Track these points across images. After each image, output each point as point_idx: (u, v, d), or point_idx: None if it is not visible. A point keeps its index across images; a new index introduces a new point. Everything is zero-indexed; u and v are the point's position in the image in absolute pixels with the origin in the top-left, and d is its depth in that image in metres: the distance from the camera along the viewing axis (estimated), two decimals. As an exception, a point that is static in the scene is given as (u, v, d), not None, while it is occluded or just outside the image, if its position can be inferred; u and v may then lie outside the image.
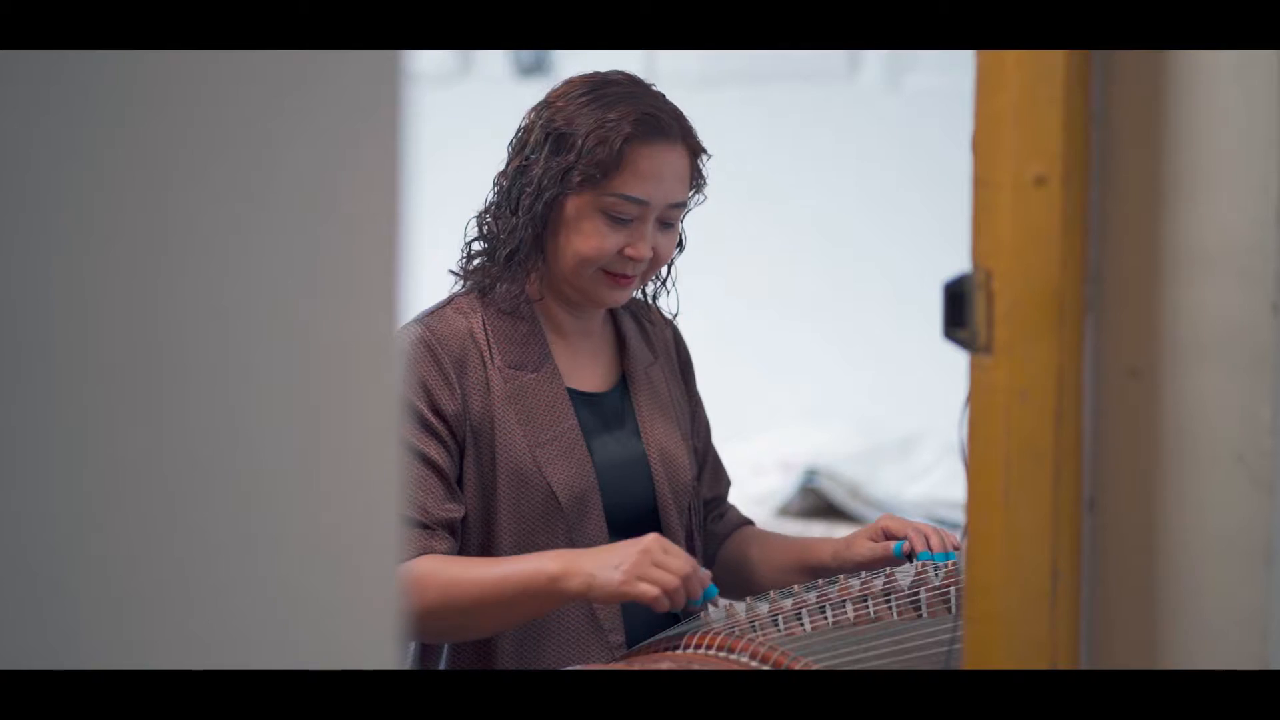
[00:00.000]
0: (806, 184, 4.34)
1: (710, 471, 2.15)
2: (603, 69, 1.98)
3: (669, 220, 1.93)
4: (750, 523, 2.18)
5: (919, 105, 4.19)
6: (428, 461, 1.86)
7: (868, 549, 1.98)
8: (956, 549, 1.93)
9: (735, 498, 2.23)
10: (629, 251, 1.90)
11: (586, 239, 1.89)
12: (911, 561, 1.93)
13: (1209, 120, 1.27)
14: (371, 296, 1.00)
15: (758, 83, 4.27)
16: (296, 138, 0.96)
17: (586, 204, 1.89)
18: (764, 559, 2.09)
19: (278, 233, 0.96)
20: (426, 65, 4.33)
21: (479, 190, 2.00)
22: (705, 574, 1.76)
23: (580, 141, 1.88)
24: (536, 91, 2.01)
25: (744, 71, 4.24)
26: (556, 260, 1.93)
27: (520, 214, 1.91)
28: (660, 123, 1.90)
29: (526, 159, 1.92)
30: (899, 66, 4.25)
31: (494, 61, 4.45)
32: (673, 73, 3.86)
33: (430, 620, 1.81)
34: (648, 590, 1.72)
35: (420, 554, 1.83)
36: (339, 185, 0.98)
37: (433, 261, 1.70)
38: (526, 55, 4.40)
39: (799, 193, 4.33)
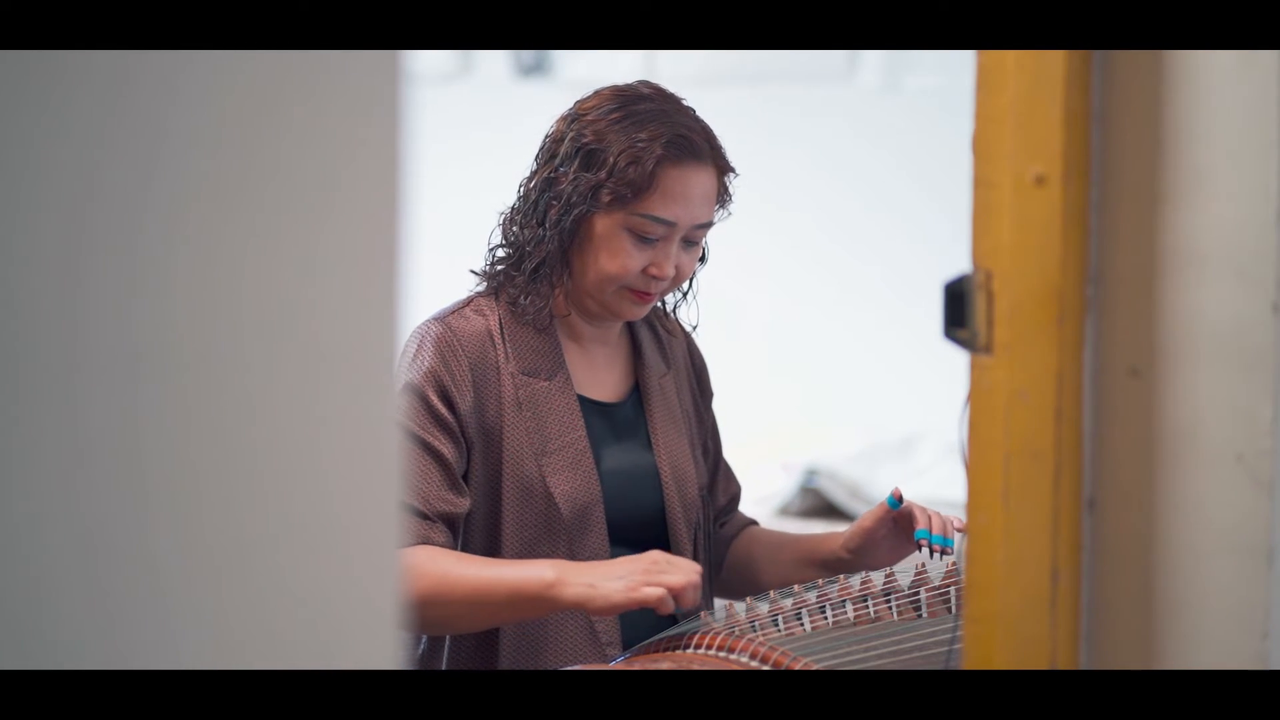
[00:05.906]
0: (806, 184, 4.33)
1: (722, 478, 2.16)
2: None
3: (694, 239, 1.94)
4: (754, 523, 2.19)
5: (919, 105, 4.19)
6: (433, 452, 1.86)
7: (870, 517, 1.98)
8: (961, 530, 1.93)
9: (737, 498, 2.23)
10: (653, 270, 1.91)
11: (612, 257, 1.90)
12: (898, 505, 1.96)
13: (1209, 120, 1.26)
14: (372, 296, 1.00)
15: (757, 83, 4.26)
16: (297, 137, 0.96)
17: (615, 223, 1.89)
18: (770, 557, 2.10)
19: (278, 232, 0.96)
20: (426, 65, 4.33)
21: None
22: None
23: (612, 160, 1.88)
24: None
25: (743, 71, 4.24)
26: (581, 275, 1.93)
27: (547, 227, 1.92)
28: (692, 144, 1.90)
29: (555, 171, 1.92)
30: (899, 67, 4.25)
31: (494, 61, 4.44)
32: (673, 73, 3.85)
33: (418, 611, 1.81)
34: (652, 593, 1.73)
35: (417, 543, 1.83)
36: (339, 185, 0.98)
37: (433, 261, 1.70)
38: (526, 55, 4.39)
39: (798, 193, 4.33)
